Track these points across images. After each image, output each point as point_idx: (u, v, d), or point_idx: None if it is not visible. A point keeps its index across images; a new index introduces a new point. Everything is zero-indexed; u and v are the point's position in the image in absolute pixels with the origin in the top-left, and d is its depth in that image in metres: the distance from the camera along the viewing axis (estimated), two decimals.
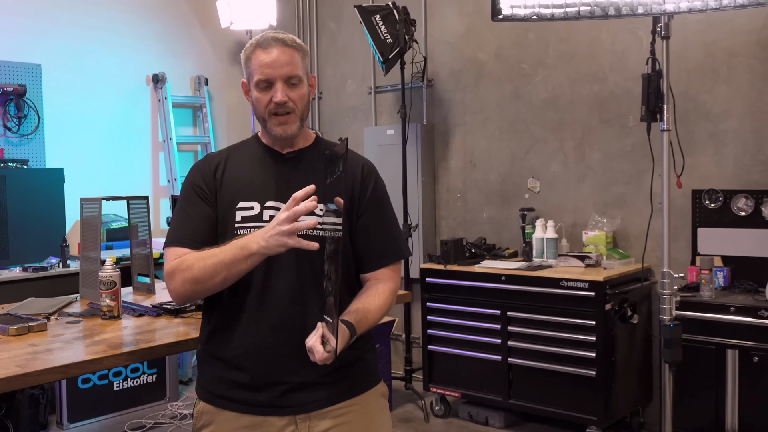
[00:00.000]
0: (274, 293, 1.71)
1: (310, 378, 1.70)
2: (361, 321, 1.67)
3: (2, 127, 4.40)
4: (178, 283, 1.70)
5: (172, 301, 2.62)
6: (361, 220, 1.81)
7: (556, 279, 3.73)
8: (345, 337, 1.60)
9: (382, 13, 4.33)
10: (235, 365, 1.73)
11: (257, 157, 1.83)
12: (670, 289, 3.00)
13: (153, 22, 5.25)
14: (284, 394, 1.71)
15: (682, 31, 3.61)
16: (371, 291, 1.77)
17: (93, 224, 2.88)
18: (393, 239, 1.86)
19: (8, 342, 2.17)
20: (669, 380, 3.04)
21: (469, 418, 4.16)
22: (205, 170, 1.81)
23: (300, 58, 1.77)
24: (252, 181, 1.78)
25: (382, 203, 1.86)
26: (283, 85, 1.74)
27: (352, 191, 1.80)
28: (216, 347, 1.77)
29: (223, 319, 1.75)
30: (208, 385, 1.79)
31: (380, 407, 1.86)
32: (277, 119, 1.75)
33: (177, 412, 4.36)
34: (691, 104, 3.78)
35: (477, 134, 4.69)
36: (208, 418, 1.77)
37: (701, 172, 3.78)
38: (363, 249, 1.81)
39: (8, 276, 3.94)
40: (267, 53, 1.74)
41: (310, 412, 1.72)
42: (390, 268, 1.84)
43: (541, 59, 4.37)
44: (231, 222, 1.74)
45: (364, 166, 1.86)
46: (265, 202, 1.75)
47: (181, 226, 1.77)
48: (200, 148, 5.58)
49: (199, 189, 1.78)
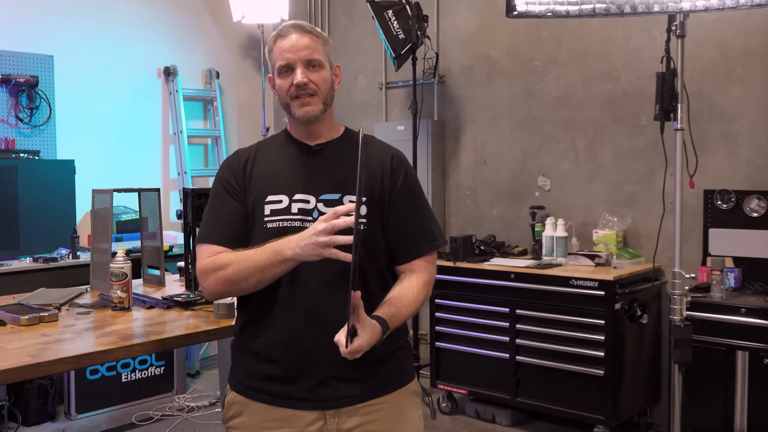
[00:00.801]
0: (305, 286, 1.70)
1: (341, 373, 1.69)
2: (394, 316, 1.66)
3: (14, 117, 4.41)
4: (211, 282, 1.71)
5: (183, 294, 2.64)
6: (393, 211, 1.79)
7: (566, 277, 3.71)
8: (376, 332, 1.59)
9: (395, 9, 4.32)
10: (267, 357, 1.73)
11: (285, 150, 1.83)
12: (681, 290, 2.98)
13: (165, 15, 5.26)
14: (314, 388, 1.70)
15: (696, 30, 3.59)
16: (405, 283, 1.76)
17: (104, 216, 2.89)
18: (427, 229, 1.83)
19: (20, 332, 2.17)
20: (678, 381, 3.03)
21: (476, 416, 4.15)
22: (234, 165, 1.81)
23: (321, 44, 1.77)
24: (280, 174, 1.77)
25: (414, 193, 1.84)
26: (304, 68, 1.74)
27: (381, 182, 1.78)
28: (248, 339, 1.77)
29: (256, 312, 1.76)
30: (239, 375, 1.80)
31: (411, 405, 1.83)
32: (299, 101, 1.75)
33: (184, 405, 4.38)
34: (704, 104, 3.75)
35: (488, 131, 4.67)
36: (238, 408, 1.78)
37: (714, 173, 3.75)
38: (396, 240, 1.80)
39: (19, 266, 3.96)
40: (286, 40, 1.76)
41: (339, 408, 1.72)
42: (424, 259, 1.82)
43: (553, 57, 4.36)
44: (260, 215, 1.74)
45: (393, 157, 1.84)
46: (294, 195, 1.74)
47: (212, 223, 1.78)
48: (210, 142, 5.59)
49: (229, 185, 1.79)
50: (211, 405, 4.39)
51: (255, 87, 5.72)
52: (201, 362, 5.09)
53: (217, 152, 5.54)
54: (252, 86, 5.77)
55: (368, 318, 1.59)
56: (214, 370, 4.99)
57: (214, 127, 5.54)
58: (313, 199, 1.74)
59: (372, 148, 1.83)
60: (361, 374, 1.70)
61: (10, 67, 4.38)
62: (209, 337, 2.25)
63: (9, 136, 4.38)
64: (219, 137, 5.52)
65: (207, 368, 5.12)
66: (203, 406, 4.37)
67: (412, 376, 1.85)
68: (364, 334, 1.56)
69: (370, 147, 1.83)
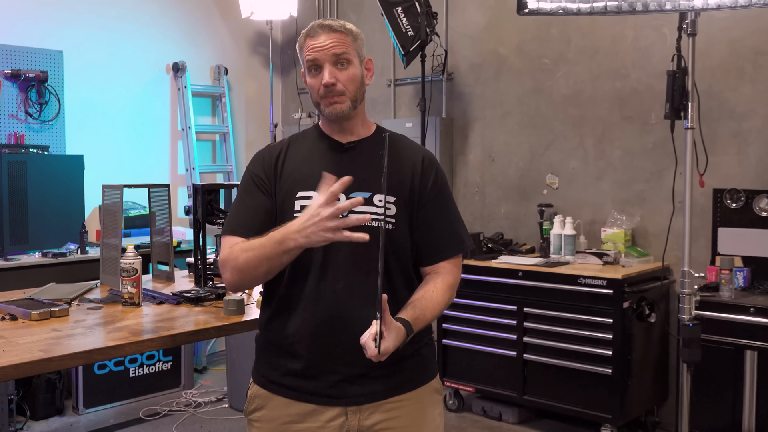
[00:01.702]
0: (331, 284, 1.70)
1: (364, 370, 1.68)
2: (417, 318, 1.66)
3: (24, 113, 4.43)
4: (228, 272, 1.71)
5: (192, 290, 2.64)
6: (422, 213, 1.79)
7: (574, 276, 3.71)
8: (400, 335, 1.59)
9: (404, 5, 4.31)
10: (290, 352, 1.73)
11: (317, 146, 1.82)
12: (690, 289, 2.98)
13: (174, 11, 5.26)
14: (337, 385, 1.71)
15: (707, 28, 3.57)
16: (430, 286, 1.75)
17: (114, 211, 2.89)
18: (454, 231, 1.83)
19: (30, 326, 2.18)
20: (687, 380, 3.02)
21: (482, 413, 4.15)
22: (265, 160, 1.82)
23: (350, 40, 1.76)
24: (311, 170, 1.76)
25: (444, 195, 1.84)
26: (332, 67, 1.73)
27: (412, 183, 1.78)
28: (273, 333, 1.78)
29: (281, 307, 1.76)
30: (263, 369, 1.80)
31: (433, 403, 1.83)
32: (328, 100, 1.75)
33: (191, 400, 4.39)
34: (714, 102, 3.74)
35: (496, 129, 4.67)
36: (260, 402, 1.78)
37: (723, 172, 3.74)
38: (423, 242, 1.79)
39: (27, 261, 3.97)
40: (315, 39, 1.75)
41: (361, 405, 1.72)
42: (450, 262, 1.81)
43: (562, 54, 4.34)
44: (290, 211, 1.73)
45: (424, 158, 1.83)
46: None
47: (238, 216, 1.78)
48: (218, 138, 5.60)
49: (258, 179, 1.79)
50: (218, 401, 4.40)
51: (263, 83, 5.73)
52: (208, 358, 5.10)
53: (225, 148, 5.55)
54: (260, 83, 5.77)
55: (393, 320, 1.59)
56: (221, 366, 5.00)
57: (222, 124, 5.55)
58: (343, 197, 1.70)
59: (403, 148, 1.83)
60: (384, 372, 1.70)
61: (20, 62, 4.39)
62: (220, 333, 2.26)
63: (18, 131, 4.39)
64: (227, 133, 5.52)
65: (214, 364, 5.13)
66: (210, 402, 4.38)
67: (434, 373, 1.85)
68: (390, 337, 1.55)
69: (402, 147, 1.83)
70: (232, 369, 4.26)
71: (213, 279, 2.84)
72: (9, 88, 4.37)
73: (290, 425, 1.73)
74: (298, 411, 1.73)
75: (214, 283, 2.81)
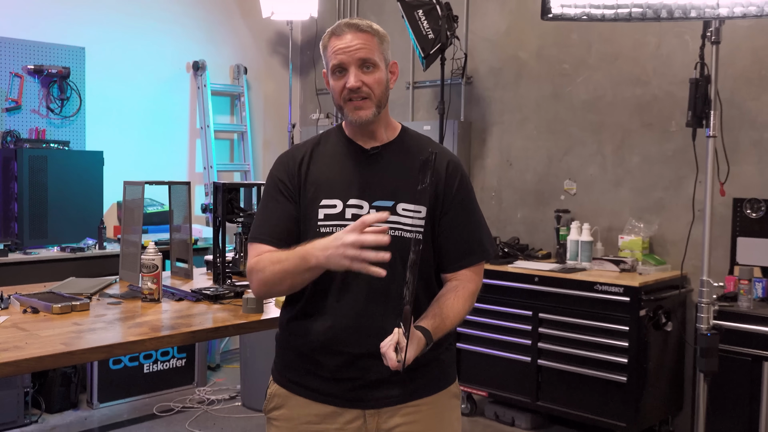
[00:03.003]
0: (353, 293, 1.69)
1: (384, 375, 1.66)
2: (438, 327, 1.65)
3: (45, 108, 4.47)
4: (254, 283, 1.72)
5: (211, 287, 2.65)
6: (445, 219, 1.77)
7: (591, 282, 3.69)
8: (420, 344, 1.59)
9: (425, 8, 4.31)
10: (310, 357, 1.73)
11: (341, 152, 1.79)
12: (708, 298, 2.96)
13: (195, 10, 5.29)
14: (356, 388, 1.71)
15: (729, 36, 3.54)
16: (451, 294, 1.74)
17: (134, 207, 2.91)
18: (477, 239, 1.81)
19: (52, 320, 2.20)
20: (703, 390, 3.00)
21: (495, 418, 4.14)
22: (289, 165, 1.78)
23: (376, 43, 1.73)
24: (335, 177, 1.75)
25: (468, 201, 1.81)
26: (357, 70, 1.70)
27: (436, 189, 1.76)
28: (293, 336, 1.78)
29: (302, 311, 1.75)
30: (283, 369, 1.80)
31: (451, 408, 1.82)
32: (352, 104, 1.71)
33: (205, 397, 4.41)
34: (735, 111, 3.72)
35: (514, 133, 4.66)
36: (280, 401, 1.79)
37: (744, 181, 3.71)
38: (445, 248, 1.77)
39: (46, 255, 4.01)
40: (340, 39, 1.71)
41: (380, 408, 1.72)
42: (472, 270, 1.79)
43: (583, 60, 4.33)
44: (314, 219, 1.72)
45: (449, 163, 1.80)
46: (348, 200, 1.72)
47: (263, 223, 1.77)
48: (236, 137, 5.62)
49: (282, 185, 1.77)
50: (231, 399, 4.41)
51: (282, 83, 5.75)
52: (221, 355, 5.12)
53: (243, 147, 5.57)
54: (279, 83, 5.79)
55: (414, 330, 1.59)
56: (234, 364, 5.02)
57: (241, 123, 5.57)
58: (366, 205, 1.72)
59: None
60: (404, 376, 1.68)
61: (42, 58, 4.43)
62: (239, 330, 2.27)
63: (40, 126, 4.43)
64: (245, 132, 5.55)
65: (227, 361, 5.15)
66: (223, 400, 4.39)
67: (453, 378, 1.84)
68: (410, 347, 1.55)
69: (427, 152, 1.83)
70: (246, 367, 4.27)
71: (231, 277, 2.85)
72: (31, 84, 4.41)
73: (309, 425, 1.74)
74: (317, 412, 1.73)
75: (232, 281, 2.82)
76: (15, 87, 4.35)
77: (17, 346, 1.88)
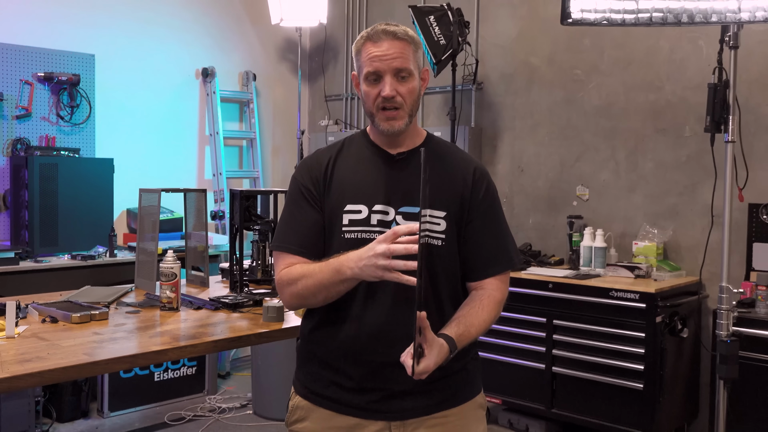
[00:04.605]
0: (377, 301, 1.67)
1: (409, 386, 1.64)
2: (462, 335, 1.63)
3: (55, 115, 4.45)
4: (286, 295, 1.71)
5: (230, 296, 2.63)
6: (470, 227, 1.75)
7: (606, 289, 3.67)
8: (443, 351, 1.56)
9: (437, 14, 4.30)
10: (334, 367, 1.71)
11: (366, 157, 1.77)
12: (728, 305, 2.93)
13: (204, 17, 5.29)
14: (381, 400, 1.68)
15: (744, 41, 3.47)
16: (476, 302, 1.72)
17: (150, 215, 2.89)
18: (503, 247, 1.79)
19: (71, 329, 2.18)
20: (723, 397, 2.97)
21: (509, 426, 4.11)
22: (313, 170, 1.76)
23: (412, 51, 1.71)
24: (360, 183, 1.73)
25: (494, 209, 1.80)
26: (392, 79, 1.68)
27: (461, 196, 1.74)
28: (316, 346, 1.75)
29: (326, 320, 1.73)
30: (306, 380, 1.78)
31: (476, 419, 1.80)
32: (385, 114, 1.69)
33: (215, 406, 4.38)
34: (751, 116, 3.70)
35: (526, 139, 4.64)
36: (303, 413, 1.76)
37: (760, 186, 3.69)
38: (471, 256, 1.75)
39: (57, 263, 3.99)
40: (377, 46, 1.69)
41: (405, 420, 1.69)
42: (498, 278, 1.77)
43: (595, 65, 4.32)
44: (338, 224, 1.70)
45: (476, 170, 1.79)
46: (373, 206, 1.70)
47: (288, 231, 1.75)
48: (246, 144, 5.61)
49: (307, 191, 1.74)
50: (243, 407, 4.38)
51: (291, 90, 5.73)
52: (231, 363, 5.10)
53: (252, 154, 5.55)
54: (288, 89, 5.78)
55: (435, 337, 1.56)
56: (245, 372, 4.99)
57: (250, 129, 5.56)
58: (392, 211, 1.70)
59: (455, 160, 1.80)
60: (429, 387, 1.67)
61: (52, 65, 4.42)
62: (260, 339, 2.24)
63: (50, 134, 4.42)
64: (254, 139, 5.53)
65: (237, 369, 5.12)
66: (234, 408, 4.37)
67: (479, 388, 1.82)
68: (431, 355, 1.53)
69: (453, 158, 1.80)
70: (257, 375, 4.25)
71: (248, 285, 2.83)
72: (41, 91, 4.40)
73: None
74: (341, 424, 1.70)
75: (249, 288, 2.80)
76: (25, 94, 4.34)
77: (39, 356, 1.86)
